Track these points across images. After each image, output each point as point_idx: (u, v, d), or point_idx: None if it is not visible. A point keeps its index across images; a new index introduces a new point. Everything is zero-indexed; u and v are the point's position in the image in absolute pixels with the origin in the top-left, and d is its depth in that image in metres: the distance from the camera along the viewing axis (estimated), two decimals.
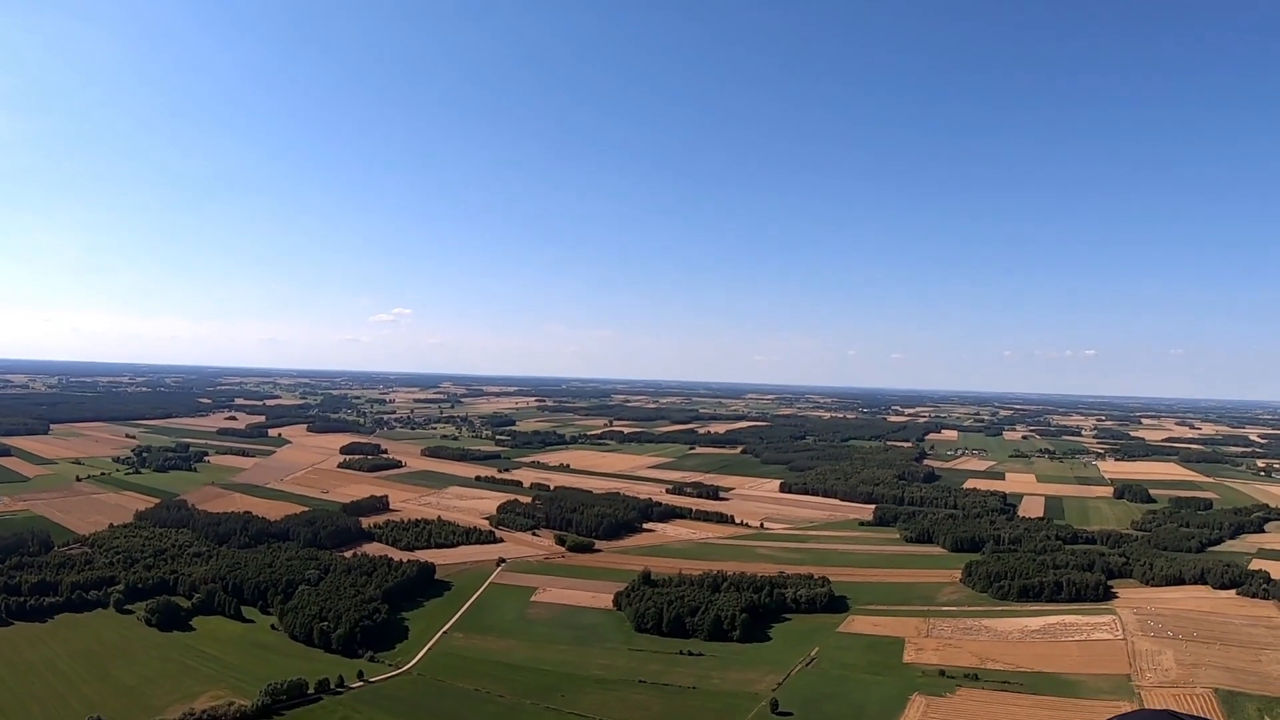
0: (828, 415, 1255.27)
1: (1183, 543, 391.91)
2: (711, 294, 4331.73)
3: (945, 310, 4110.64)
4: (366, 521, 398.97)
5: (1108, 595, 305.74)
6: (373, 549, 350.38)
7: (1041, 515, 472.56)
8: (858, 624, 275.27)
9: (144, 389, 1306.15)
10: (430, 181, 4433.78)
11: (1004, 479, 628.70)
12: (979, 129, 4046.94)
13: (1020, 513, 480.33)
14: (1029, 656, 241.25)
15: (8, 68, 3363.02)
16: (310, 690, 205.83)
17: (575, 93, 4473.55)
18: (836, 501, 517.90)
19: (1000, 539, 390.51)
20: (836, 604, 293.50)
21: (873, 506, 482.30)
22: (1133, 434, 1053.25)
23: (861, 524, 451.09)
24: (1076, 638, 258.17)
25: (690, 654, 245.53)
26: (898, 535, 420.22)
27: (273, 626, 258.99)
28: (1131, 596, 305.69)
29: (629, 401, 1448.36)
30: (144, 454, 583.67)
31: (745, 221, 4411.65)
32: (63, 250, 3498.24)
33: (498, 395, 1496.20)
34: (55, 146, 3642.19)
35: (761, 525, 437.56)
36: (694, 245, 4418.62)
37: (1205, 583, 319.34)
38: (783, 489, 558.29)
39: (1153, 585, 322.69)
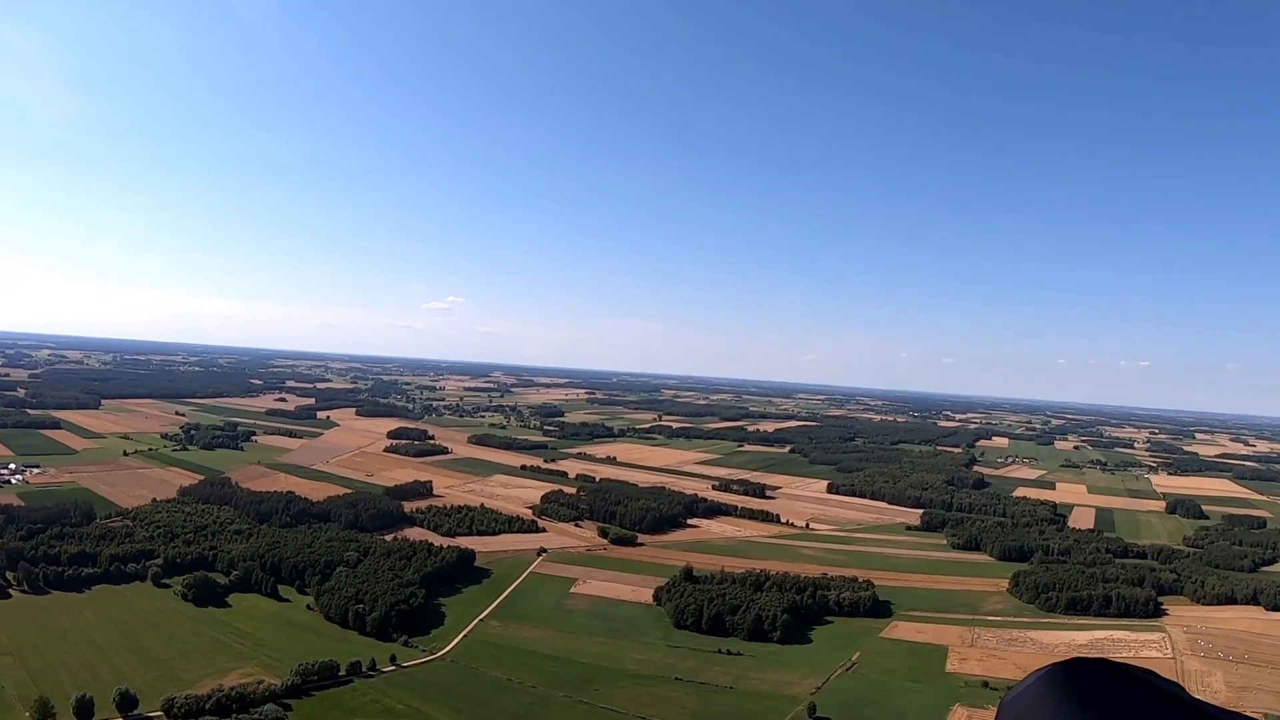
0: (878, 418, 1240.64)
1: (1235, 561, 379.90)
2: (763, 292, 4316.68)
3: (999, 315, 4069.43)
4: (409, 506, 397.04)
5: (1157, 612, 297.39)
6: (414, 533, 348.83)
7: (1092, 527, 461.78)
8: (900, 630, 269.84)
9: (196, 368, 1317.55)
10: (485, 171, 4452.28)
11: (1054, 489, 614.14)
12: (1036, 130, 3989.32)
13: (1070, 523, 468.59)
14: None
15: (76, 49, 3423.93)
16: (341, 672, 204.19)
17: (631, 86, 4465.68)
18: (884, 504, 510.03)
19: (1049, 549, 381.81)
20: (880, 608, 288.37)
21: (920, 511, 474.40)
22: (1186, 448, 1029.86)
23: (908, 528, 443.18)
24: (1124, 654, 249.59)
25: (729, 653, 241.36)
26: (945, 541, 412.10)
27: (308, 607, 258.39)
28: (1182, 614, 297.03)
29: (679, 397, 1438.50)
30: (192, 431, 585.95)
31: (798, 220, 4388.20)
32: (122, 229, 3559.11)
33: (548, 386, 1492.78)
34: (118, 127, 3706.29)
35: (807, 525, 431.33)
36: (747, 242, 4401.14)
37: (1258, 603, 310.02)
38: (830, 490, 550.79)
39: (1204, 604, 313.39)
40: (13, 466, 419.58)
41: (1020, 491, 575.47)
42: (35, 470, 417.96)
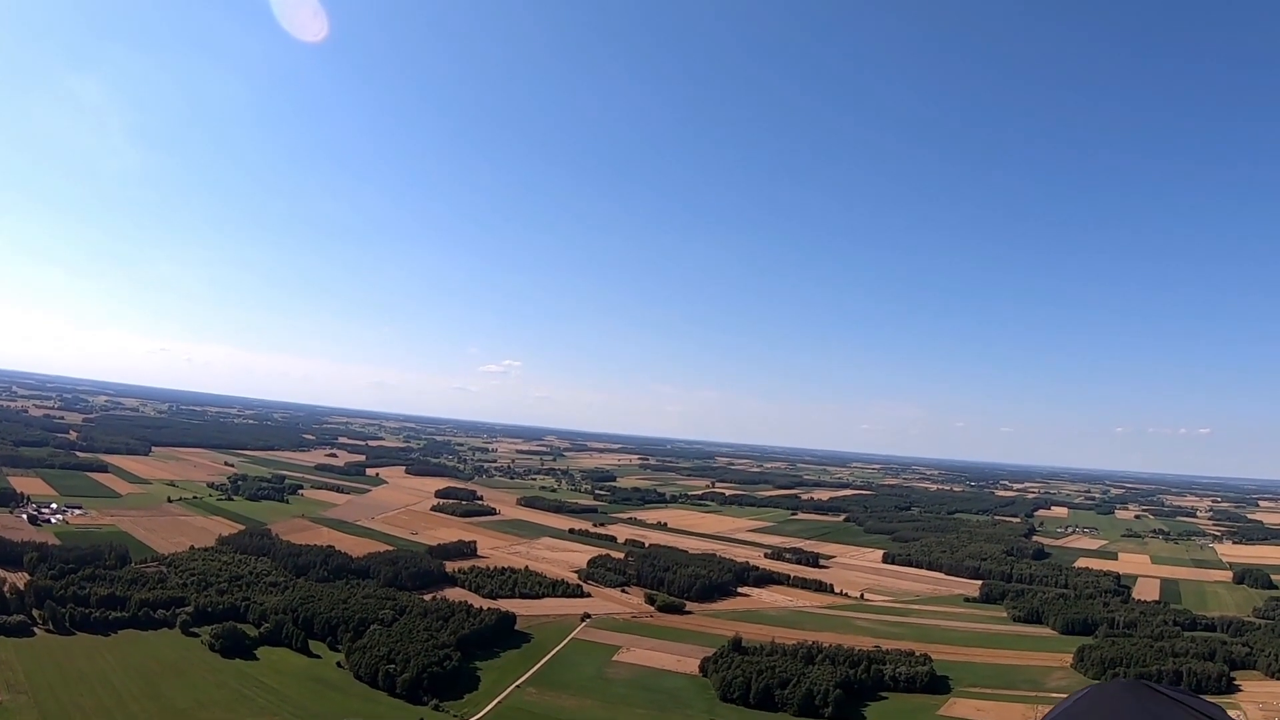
0: (934, 487, 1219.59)
1: None
2: (820, 361, 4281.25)
3: (1057, 384, 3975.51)
4: (451, 565, 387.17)
5: (1231, 688, 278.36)
6: (454, 594, 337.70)
7: (1157, 598, 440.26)
8: (959, 708, 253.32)
9: (250, 421, 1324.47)
10: (543, 235, 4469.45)
11: (1117, 559, 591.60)
12: (1089, 190, 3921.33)
13: (1135, 595, 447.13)
14: None
15: (139, 104, 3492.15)
16: None
17: (688, 156, 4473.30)
18: (941, 575, 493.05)
19: (1114, 622, 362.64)
20: (937, 684, 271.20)
21: (979, 582, 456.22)
22: (1250, 516, 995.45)
23: (967, 600, 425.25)
24: None
25: None
26: (1005, 614, 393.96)
27: (338, 664, 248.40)
28: (1255, 690, 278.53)
29: (733, 464, 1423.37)
30: (239, 482, 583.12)
31: (854, 289, 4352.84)
32: (183, 283, 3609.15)
33: (601, 451, 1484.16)
34: (180, 183, 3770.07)
35: (861, 596, 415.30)
36: (802, 310, 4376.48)
37: None
38: (885, 559, 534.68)
39: (1278, 678, 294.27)
40: (54, 506, 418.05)
41: (1082, 562, 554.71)
42: (77, 511, 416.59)
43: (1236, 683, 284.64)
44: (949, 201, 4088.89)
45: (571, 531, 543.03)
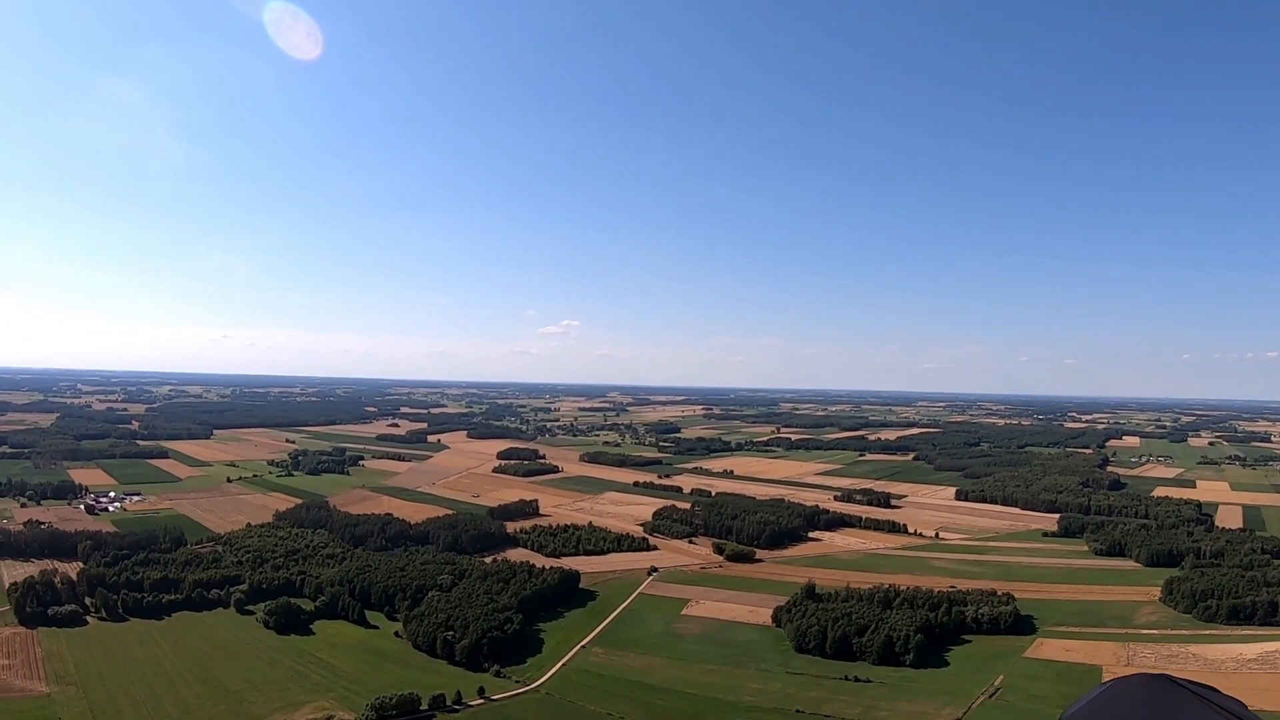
0: (1002, 422, 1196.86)
1: None
2: (881, 303, 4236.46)
3: (1122, 312, 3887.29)
4: (512, 526, 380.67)
5: None
6: (515, 555, 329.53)
7: (1241, 526, 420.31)
8: (1046, 648, 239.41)
9: (313, 399, 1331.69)
10: (598, 194, 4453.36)
11: (1195, 487, 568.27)
12: (1145, 119, 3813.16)
13: (1217, 523, 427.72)
14: (1249, 691, 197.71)
15: (182, 99, 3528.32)
16: (423, 706, 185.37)
17: (739, 106, 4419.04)
18: (1017, 510, 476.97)
19: (1200, 552, 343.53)
20: (1022, 624, 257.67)
21: (1056, 516, 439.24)
22: None
23: (1045, 534, 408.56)
24: None
25: (856, 680, 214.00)
26: (1085, 547, 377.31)
27: (396, 634, 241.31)
28: None
29: (797, 409, 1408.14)
30: (299, 457, 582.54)
31: (914, 228, 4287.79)
32: (240, 270, 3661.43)
33: (664, 404, 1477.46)
34: (230, 172, 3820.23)
35: (936, 535, 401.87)
36: (862, 252, 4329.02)
37: None
38: (958, 496, 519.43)
39: None
40: (112, 494, 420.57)
41: (1159, 491, 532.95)
42: (135, 498, 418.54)
43: None
44: (1001, 130, 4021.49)
45: (636, 484, 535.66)
